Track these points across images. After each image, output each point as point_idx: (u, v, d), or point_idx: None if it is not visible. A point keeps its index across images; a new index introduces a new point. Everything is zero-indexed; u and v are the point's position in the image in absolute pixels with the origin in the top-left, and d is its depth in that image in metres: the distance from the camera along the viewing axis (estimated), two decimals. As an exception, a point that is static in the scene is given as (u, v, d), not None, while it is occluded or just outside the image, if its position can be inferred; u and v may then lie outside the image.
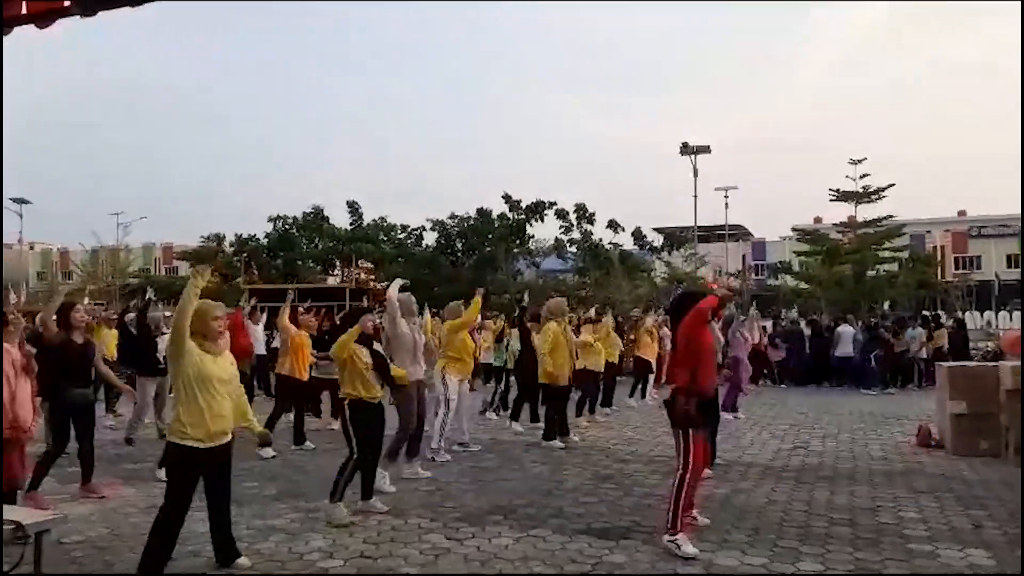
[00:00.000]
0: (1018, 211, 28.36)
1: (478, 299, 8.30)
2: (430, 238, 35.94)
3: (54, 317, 6.54)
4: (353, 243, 34.90)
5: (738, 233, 53.20)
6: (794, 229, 45.07)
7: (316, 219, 36.98)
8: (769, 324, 18.85)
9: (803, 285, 33.93)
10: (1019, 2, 5.90)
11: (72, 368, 6.32)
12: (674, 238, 35.30)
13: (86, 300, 18.52)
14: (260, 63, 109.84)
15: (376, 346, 6.36)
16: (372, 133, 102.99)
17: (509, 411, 10.79)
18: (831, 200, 34.72)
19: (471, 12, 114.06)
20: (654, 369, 13.56)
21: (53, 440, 6.31)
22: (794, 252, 39.02)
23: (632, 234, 34.62)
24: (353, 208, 36.75)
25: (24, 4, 3.34)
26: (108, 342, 11.51)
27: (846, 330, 17.25)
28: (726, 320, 11.19)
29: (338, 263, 36.44)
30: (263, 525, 5.65)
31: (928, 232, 51.53)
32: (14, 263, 52.11)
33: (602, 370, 11.16)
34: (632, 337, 14.15)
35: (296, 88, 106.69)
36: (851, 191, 33.65)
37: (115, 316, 12.80)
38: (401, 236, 36.88)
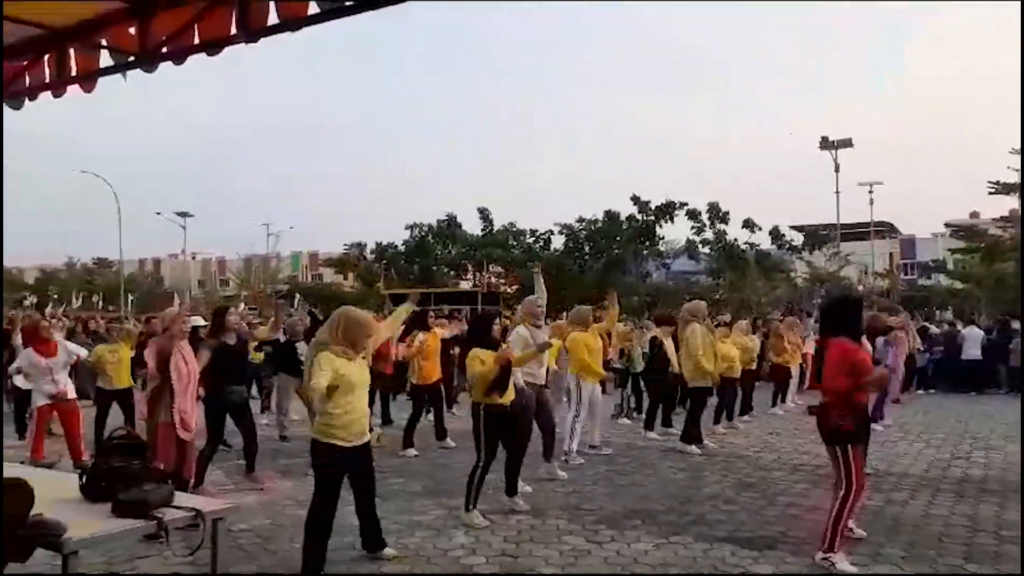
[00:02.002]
0: None
1: (613, 301, 8.24)
2: (558, 242, 36.11)
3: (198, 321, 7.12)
4: (484, 248, 35.63)
5: (884, 230, 50.08)
6: (947, 225, 41.93)
7: (449, 226, 37.98)
8: (920, 327, 17.68)
9: (959, 285, 31.54)
10: (1019, 1, 5.45)
11: (227, 368, 6.77)
12: (815, 236, 33.70)
13: (241, 306, 19.81)
14: (388, 80, 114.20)
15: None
16: (499, 139, 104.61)
17: (644, 415, 10.66)
18: (990, 193, 32.09)
19: (599, 13, 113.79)
20: (794, 375, 13.01)
21: (209, 437, 6.80)
22: (948, 250, 36.37)
23: (769, 233, 33.24)
24: (484, 214, 37.47)
25: (196, 34, 3.66)
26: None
27: (973, 332, 15.99)
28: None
29: (470, 268, 37.36)
30: (408, 521, 5.88)
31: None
32: (179, 272, 56.77)
33: (739, 376, 10.83)
34: (771, 342, 13.63)
35: (427, 101, 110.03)
36: (1013, 183, 30.98)
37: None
38: (530, 240, 37.24)
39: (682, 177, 79.18)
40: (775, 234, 33.41)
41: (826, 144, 31.44)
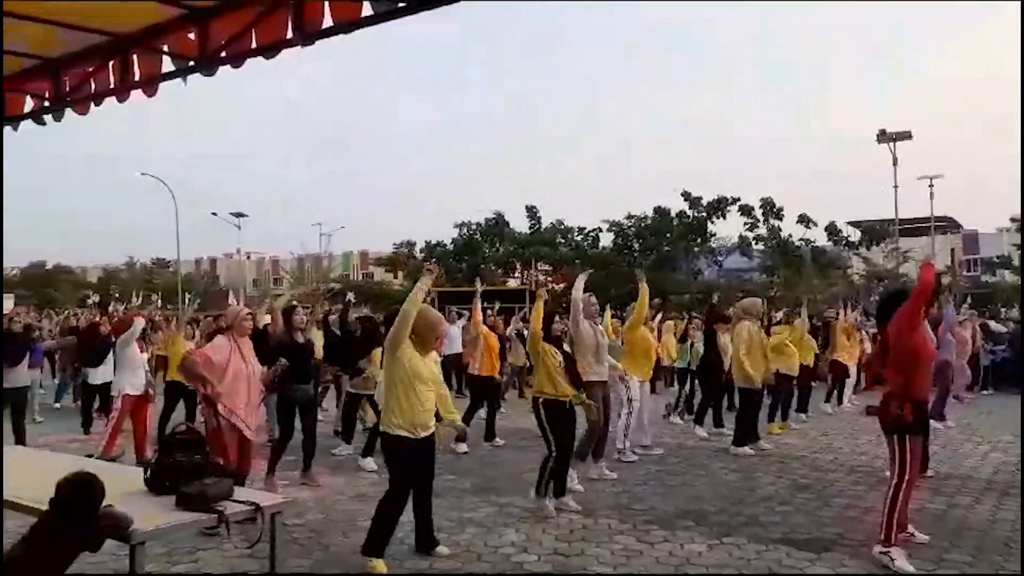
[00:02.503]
0: None
1: (644, 288, 8.18)
2: (607, 239, 35.89)
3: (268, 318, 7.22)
4: (532, 246, 35.62)
5: (946, 225, 48.45)
6: (1013, 220, 40.42)
7: (497, 224, 38.07)
8: (982, 324, 17.08)
9: (1026, 281, 30.37)
10: (1019, 1, 5.30)
11: (295, 366, 6.91)
12: (873, 232, 32.86)
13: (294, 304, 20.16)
14: (436, 80, 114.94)
15: (565, 347, 6.45)
16: (547, 136, 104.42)
17: (694, 415, 10.54)
18: (1060, 186, 30.85)
19: (650, 12, 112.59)
20: (851, 373, 12.71)
21: (280, 432, 6.95)
22: (1013, 245, 35.06)
23: (825, 229, 32.52)
24: (532, 212, 37.46)
25: (253, 38, 3.74)
26: (316, 342, 12.50)
27: None
28: (934, 319, 10.25)
29: (518, 266, 37.40)
30: (459, 517, 5.92)
31: None
32: (234, 271, 58.11)
33: (796, 373, 10.61)
34: (827, 339, 13.33)
35: (474, 99, 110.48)
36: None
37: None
38: (578, 238, 37.10)
39: (734, 172, 77.92)
40: (831, 230, 32.65)
41: (884, 137, 30.52)
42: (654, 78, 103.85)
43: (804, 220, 31.90)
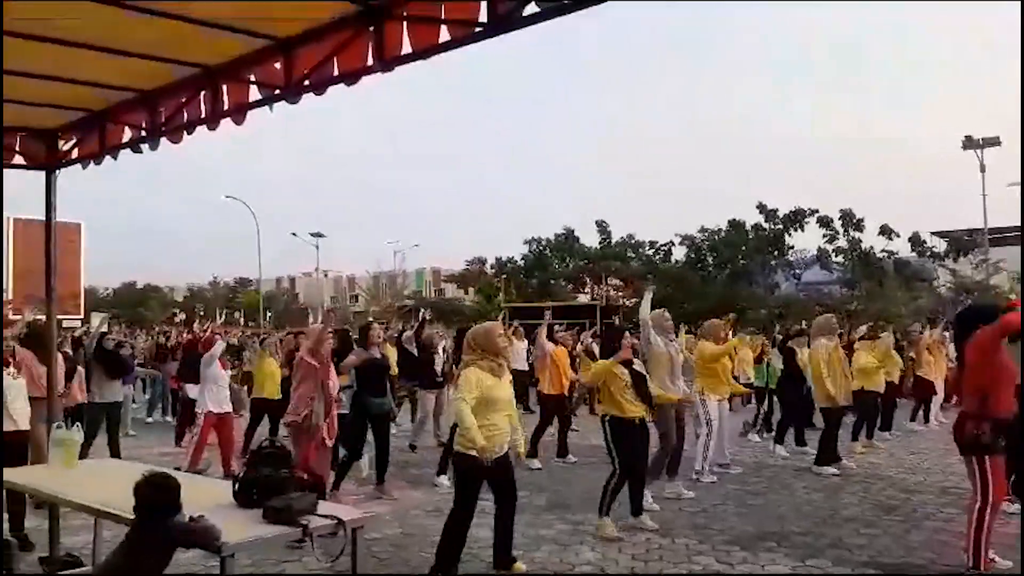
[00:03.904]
0: None
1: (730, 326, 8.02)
2: (679, 253, 35.42)
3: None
4: (602, 261, 35.46)
5: (1040, 234, 46.10)
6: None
7: (567, 240, 38.07)
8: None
9: None
10: (1019, 1, 5.01)
11: (371, 380, 7.07)
12: (960, 243, 31.42)
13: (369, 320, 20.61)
14: (506, 100, 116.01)
15: (636, 365, 6.38)
16: (617, 151, 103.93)
17: (773, 433, 10.28)
18: None
19: (723, 13, 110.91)
20: (938, 390, 12.18)
21: (351, 446, 7.10)
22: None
23: (909, 240, 31.29)
24: (602, 227, 37.32)
25: (335, 66, 3.88)
26: (391, 359, 12.74)
27: None
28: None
29: (588, 281, 37.27)
30: (535, 535, 5.91)
31: None
32: (313, 289, 59.73)
33: (881, 391, 10.24)
34: (912, 355, 12.82)
35: (544, 117, 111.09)
36: None
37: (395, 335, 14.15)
38: (649, 252, 36.75)
39: (812, 183, 75.82)
40: (915, 241, 31.40)
41: (970, 143, 29.28)
42: (727, 87, 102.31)
43: (886, 231, 30.76)
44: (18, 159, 5.55)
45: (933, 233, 32.62)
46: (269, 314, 46.00)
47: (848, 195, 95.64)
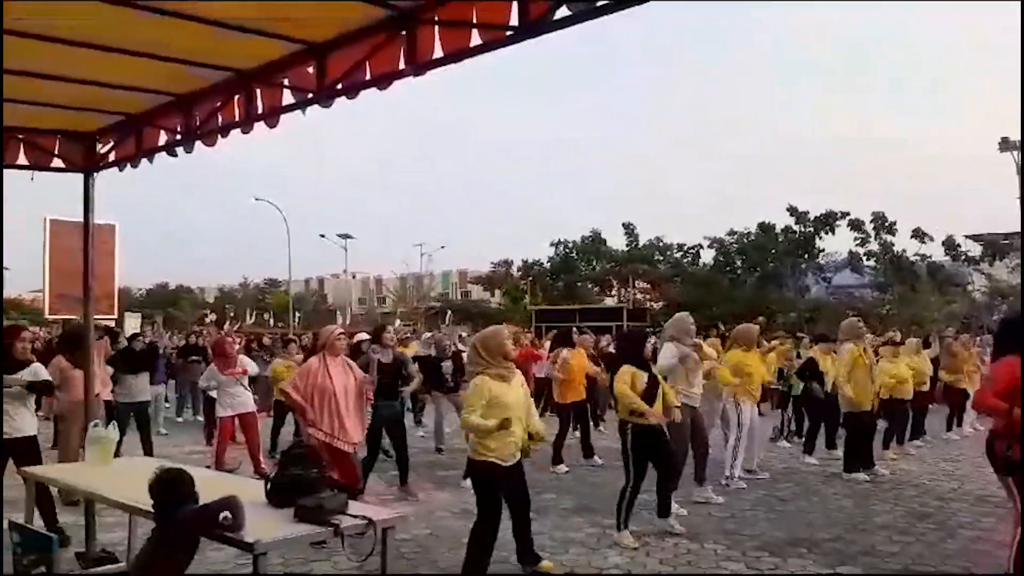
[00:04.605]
0: None
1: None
2: (707, 256, 35.16)
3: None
4: (629, 264, 35.31)
5: (1079, 238, 45.09)
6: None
7: (594, 242, 37.97)
8: None
9: None
10: (1019, 1, 4.84)
11: (382, 384, 7.05)
12: (995, 246, 30.80)
13: (397, 323, 20.73)
14: (531, 100, 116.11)
15: (655, 369, 6.30)
16: (642, 152, 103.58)
17: (803, 439, 10.15)
18: None
19: (757, 11, 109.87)
20: (971, 397, 11.94)
21: (368, 450, 7.11)
22: None
23: (943, 243, 30.75)
24: (629, 229, 37.16)
25: (367, 70, 3.91)
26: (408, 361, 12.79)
27: None
28: None
29: (615, 284, 37.14)
30: (563, 537, 5.91)
31: None
32: (341, 290, 60.26)
33: (909, 397, 10.08)
34: (945, 360, 12.58)
35: (569, 117, 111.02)
36: None
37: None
38: (677, 255, 36.53)
39: (843, 185, 74.78)
40: (949, 244, 30.88)
41: (1006, 145, 28.69)
42: (759, 88, 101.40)
43: (919, 234, 30.27)
44: (57, 162, 5.67)
45: (967, 236, 32.07)
46: (298, 315, 46.38)
47: (880, 198, 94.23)
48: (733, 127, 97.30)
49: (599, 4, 3.00)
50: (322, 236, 47.96)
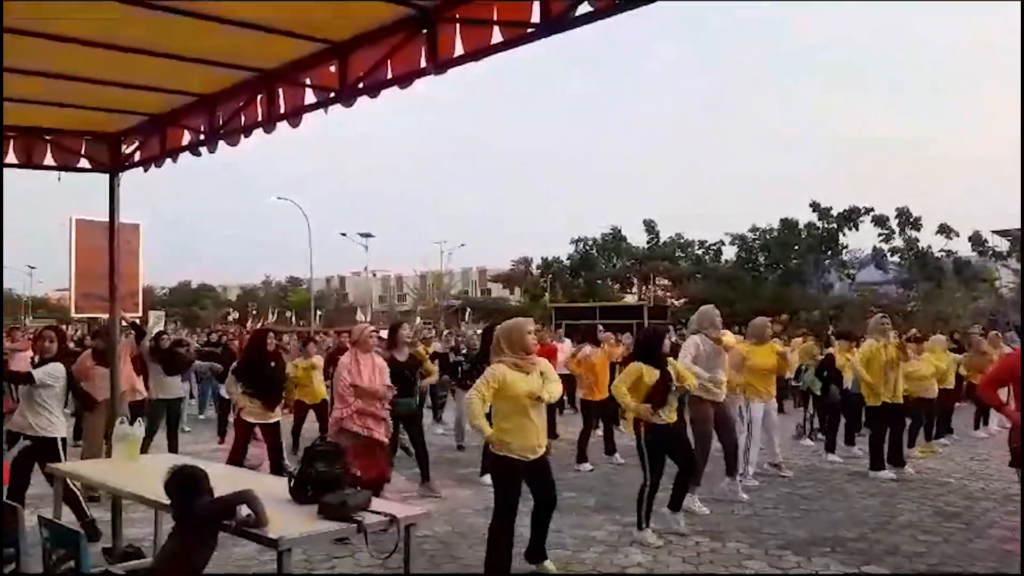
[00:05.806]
0: None
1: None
2: (729, 253, 34.97)
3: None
4: (650, 261, 35.20)
5: (1109, 233, 44.26)
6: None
7: (614, 239, 37.87)
8: None
9: None
10: (1019, 1, 4.73)
11: (397, 381, 7.05)
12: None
13: (417, 321, 20.78)
14: (552, 99, 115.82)
15: (671, 365, 6.23)
16: (663, 149, 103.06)
17: (824, 438, 10.04)
18: None
19: (782, 12, 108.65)
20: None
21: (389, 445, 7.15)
22: None
23: (969, 239, 30.34)
24: (650, 226, 37.03)
25: (389, 69, 3.92)
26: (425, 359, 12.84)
27: None
28: None
29: (636, 281, 37.05)
30: (584, 536, 5.90)
31: None
32: (362, 288, 60.55)
33: (935, 395, 9.94)
34: (972, 358, 12.39)
35: (590, 116, 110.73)
36: None
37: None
38: (699, 252, 36.35)
39: (867, 180, 73.95)
40: (976, 240, 30.45)
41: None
42: (774, 78, 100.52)
43: (945, 230, 29.91)
44: (83, 162, 5.74)
45: (994, 232, 31.61)
46: (319, 313, 46.66)
47: (903, 193, 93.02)
48: (752, 121, 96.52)
49: (618, 1, 2.98)
50: (343, 234, 48.23)
